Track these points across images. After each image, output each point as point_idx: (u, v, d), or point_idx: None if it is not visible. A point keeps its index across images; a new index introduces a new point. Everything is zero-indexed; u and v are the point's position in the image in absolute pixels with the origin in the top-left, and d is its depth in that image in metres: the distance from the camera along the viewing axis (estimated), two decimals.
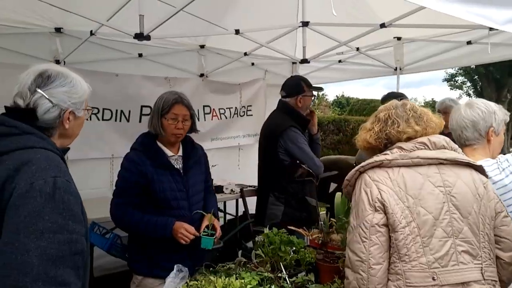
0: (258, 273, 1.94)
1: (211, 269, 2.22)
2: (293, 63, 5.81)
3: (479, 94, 20.60)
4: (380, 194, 1.64)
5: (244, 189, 4.42)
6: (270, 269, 2.08)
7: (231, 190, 4.49)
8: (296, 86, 3.41)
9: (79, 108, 1.51)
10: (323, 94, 24.00)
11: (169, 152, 2.53)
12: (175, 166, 2.51)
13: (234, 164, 5.36)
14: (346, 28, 4.28)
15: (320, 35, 4.34)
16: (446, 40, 4.48)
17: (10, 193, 1.23)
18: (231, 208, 4.83)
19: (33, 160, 1.28)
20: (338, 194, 2.60)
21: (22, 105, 1.39)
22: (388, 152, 1.72)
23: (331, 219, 2.49)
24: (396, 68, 4.95)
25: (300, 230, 2.59)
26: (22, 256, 1.17)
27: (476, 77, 21.47)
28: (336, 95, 30.32)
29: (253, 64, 5.41)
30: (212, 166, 4.85)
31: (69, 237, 1.24)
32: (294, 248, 2.24)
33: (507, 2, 2.82)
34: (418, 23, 3.66)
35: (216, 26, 3.69)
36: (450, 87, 23.73)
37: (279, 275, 2.03)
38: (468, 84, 22.66)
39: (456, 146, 1.78)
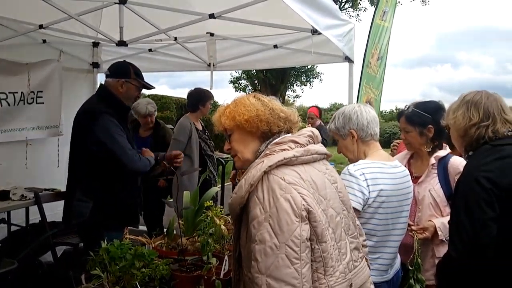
0: None
1: None
2: (93, 45, 5.14)
3: None
4: (304, 199, 1.37)
5: (40, 193, 3.60)
6: None
7: (22, 195, 3.59)
8: (123, 68, 2.96)
9: None
10: None
11: None
12: None
13: (21, 163, 4.30)
14: (163, 17, 4.03)
15: (132, 19, 3.95)
16: (255, 42, 4.73)
17: None
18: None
19: None
20: (186, 192, 2.36)
21: None
22: (286, 146, 1.48)
23: (180, 221, 2.22)
24: (209, 64, 4.95)
25: (141, 238, 2.24)
26: None
27: (256, 81, 24.24)
28: None
29: (45, 41, 4.51)
30: None
31: None
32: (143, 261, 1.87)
33: (327, 13, 3.18)
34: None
35: None
36: (235, 89, 26.03)
37: None
38: (250, 87, 25.35)
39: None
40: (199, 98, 4.47)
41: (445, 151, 2.47)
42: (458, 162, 2.37)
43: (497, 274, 1.68)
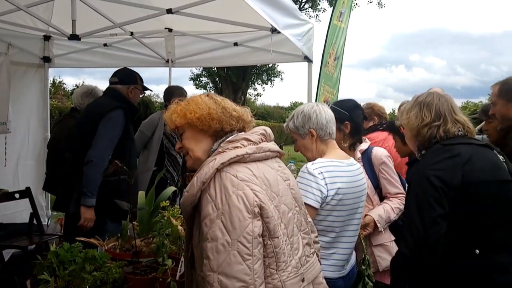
0: None
1: None
2: (45, 39, 4.89)
3: (220, 95, 23.01)
4: (257, 196, 1.37)
5: None
6: None
7: None
8: (131, 75, 3.29)
9: None
10: (60, 82, 21.44)
11: None
12: None
13: None
14: (118, 11, 3.89)
15: (86, 12, 3.79)
16: (215, 39, 4.68)
17: None
18: None
19: None
20: (142, 193, 2.29)
21: None
22: (239, 144, 1.47)
23: (134, 223, 2.15)
24: (168, 60, 4.84)
25: (93, 240, 2.15)
26: None
27: (217, 79, 24.01)
28: (76, 85, 27.83)
29: None
30: None
31: None
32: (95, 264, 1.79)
33: (286, 13, 3.18)
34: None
35: None
36: (195, 86, 25.63)
37: None
38: (211, 85, 25.08)
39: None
40: (166, 95, 4.39)
41: (366, 143, 2.63)
42: (380, 153, 2.59)
43: (449, 273, 1.74)
